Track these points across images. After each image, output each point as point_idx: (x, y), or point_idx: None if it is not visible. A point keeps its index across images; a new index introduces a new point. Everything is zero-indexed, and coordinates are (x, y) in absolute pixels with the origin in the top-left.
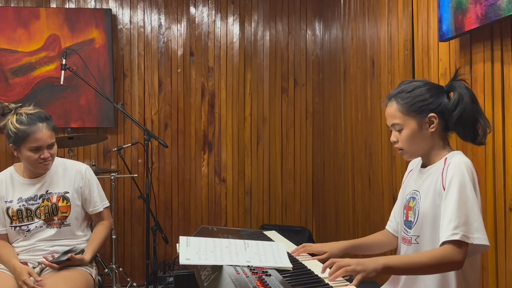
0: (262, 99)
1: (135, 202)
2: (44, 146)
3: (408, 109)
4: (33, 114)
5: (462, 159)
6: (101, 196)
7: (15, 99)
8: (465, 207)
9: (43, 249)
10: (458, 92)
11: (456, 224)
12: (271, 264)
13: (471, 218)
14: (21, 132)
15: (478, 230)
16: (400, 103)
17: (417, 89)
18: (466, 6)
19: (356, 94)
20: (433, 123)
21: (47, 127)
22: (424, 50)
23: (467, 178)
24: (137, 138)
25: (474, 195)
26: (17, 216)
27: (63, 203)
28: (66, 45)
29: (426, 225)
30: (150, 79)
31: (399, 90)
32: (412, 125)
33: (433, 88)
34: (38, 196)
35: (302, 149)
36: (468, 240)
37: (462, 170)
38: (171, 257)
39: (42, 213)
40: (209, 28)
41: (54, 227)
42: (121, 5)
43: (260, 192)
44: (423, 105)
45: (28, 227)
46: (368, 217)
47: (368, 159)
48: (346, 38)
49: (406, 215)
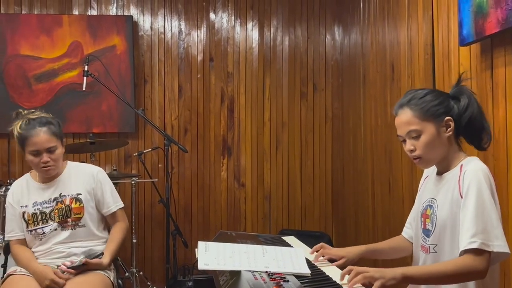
0: (281, 104)
1: (155, 206)
2: (42, 150)
3: (425, 114)
4: (35, 119)
5: (479, 166)
6: (114, 197)
7: (38, 105)
8: (483, 214)
9: (60, 251)
10: (467, 96)
11: (474, 232)
12: (289, 270)
13: (489, 225)
14: (21, 136)
15: (497, 238)
16: (415, 109)
17: (428, 95)
18: (486, 10)
19: (376, 99)
20: (450, 127)
21: (46, 132)
22: (444, 54)
23: (485, 185)
24: (157, 143)
25: (492, 202)
26: (33, 220)
27: (76, 205)
28: (88, 52)
29: (444, 233)
30: (170, 85)
31: (409, 98)
32: (431, 130)
33: (440, 94)
34: (52, 199)
35: (321, 154)
36: (487, 248)
37: (479, 177)
38: (191, 262)
39: (56, 215)
40: (229, 34)
41: (69, 229)
42: (142, 12)
43: (279, 197)
44: (437, 109)
45: (43, 230)
46: (388, 222)
47: (388, 164)
48: (365, 42)
49: (424, 223)
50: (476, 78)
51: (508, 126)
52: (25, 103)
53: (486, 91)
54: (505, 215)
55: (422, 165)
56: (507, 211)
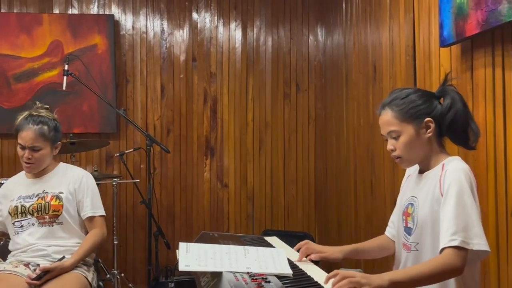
0: (265, 105)
1: (137, 207)
2: (26, 146)
3: (404, 115)
4: (33, 116)
5: (460, 165)
6: (94, 203)
7: (18, 105)
8: (463, 213)
9: (39, 249)
10: (450, 96)
11: (454, 230)
12: (271, 270)
13: (469, 224)
14: (16, 127)
15: (477, 236)
16: (395, 110)
17: (410, 95)
18: (467, 12)
19: (359, 100)
20: (429, 128)
21: (35, 131)
22: (425, 55)
23: (465, 184)
24: (140, 144)
25: (472, 201)
26: (14, 212)
27: (56, 202)
28: (68, 51)
29: (425, 232)
30: (153, 85)
31: (392, 98)
32: (410, 131)
33: (424, 94)
34: (35, 194)
35: (304, 154)
36: (467, 246)
37: (460, 176)
38: (173, 263)
39: (34, 210)
40: (212, 34)
41: (46, 226)
42: (124, 11)
43: (263, 197)
44: (418, 110)
45: (21, 223)
46: (370, 222)
47: (370, 164)
48: (348, 43)
49: (406, 221)
50: (456, 79)
51: (488, 126)
52: (4, 102)
53: (466, 92)
54: (485, 214)
55: (402, 165)
56: (487, 210)
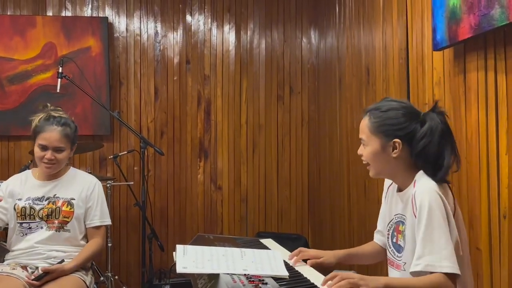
0: (258, 107)
1: (131, 209)
2: (49, 147)
3: (375, 129)
4: (55, 117)
5: (427, 186)
6: (104, 212)
7: (11, 107)
8: (431, 236)
9: (40, 252)
10: (429, 125)
11: (420, 254)
12: (267, 272)
13: (437, 247)
14: (37, 128)
15: (446, 258)
16: (371, 120)
17: (392, 111)
18: (459, 16)
19: (352, 102)
20: (396, 149)
21: (60, 132)
22: (418, 59)
23: (435, 207)
24: (133, 146)
25: (441, 223)
26: (21, 213)
27: (67, 208)
28: (62, 53)
29: (410, 252)
30: (146, 87)
31: (375, 107)
32: (375, 145)
33: (409, 113)
34: (45, 198)
35: (298, 156)
36: (434, 269)
37: (429, 198)
38: (167, 265)
39: (44, 214)
40: (205, 36)
41: (52, 230)
42: (118, 13)
43: (256, 199)
44: (390, 128)
45: (30, 225)
46: (363, 224)
47: (363, 166)
48: (341, 46)
49: (397, 238)
50: (449, 83)
51: (480, 130)
52: None
53: (459, 95)
54: (478, 216)
55: (370, 173)
56: (480, 212)
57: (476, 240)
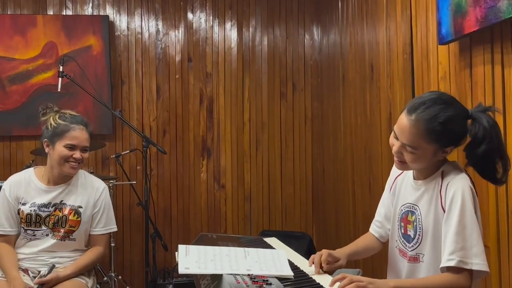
0: (261, 104)
1: (134, 209)
2: (79, 146)
3: (434, 139)
4: (75, 116)
5: (462, 181)
6: (109, 219)
7: (12, 107)
8: (464, 232)
9: (44, 260)
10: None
11: (453, 250)
12: (272, 272)
13: (469, 243)
14: (61, 126)
15: (476, 256)
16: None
17: (450, 122)
18: (465, 9)
19: (355, 99)
20: (446, 153)
21: (86, 130)
22: (423, 53)
23: (468, 202)
24: (136, 145)
25: (474, 219)
26: (26, 220)
27: (74, 217)
28: (63, 52)
29: (428, 243)
30: (148, 86)
31: (431, 116)
32: (429, 151)
33: (463, 118)
34: (52, 204)
35: (301, 154)
36: (466, 265)
37: (463, 193)
38: (171, 265)
39: (51, 222)
40: (207, 34)
41: (58, 239)
42: (119, 12)
43: (260, 197)
44: (448, 138)
45: (35, 232)
46: (368, 222)
47: (368, 164)
48: (344, 42)
49: (405, 228)
50: (455, 77)
51: None
52: None
53: (465, 90)
54: (486, 213)
55: (401, 169)
56: (488, 209)
57: (484, 237)
